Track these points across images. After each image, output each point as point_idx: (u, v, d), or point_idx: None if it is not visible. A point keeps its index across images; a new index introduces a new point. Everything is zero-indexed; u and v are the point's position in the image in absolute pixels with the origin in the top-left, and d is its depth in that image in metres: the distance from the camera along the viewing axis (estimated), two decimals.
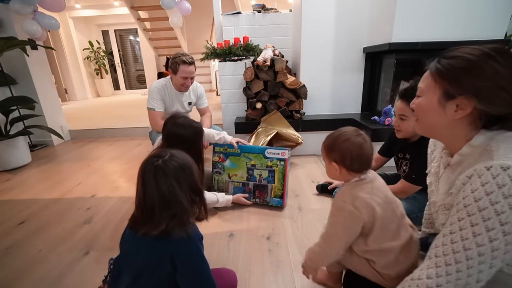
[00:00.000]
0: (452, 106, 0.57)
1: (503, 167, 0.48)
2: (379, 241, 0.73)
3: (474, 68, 0.53)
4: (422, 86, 0.63)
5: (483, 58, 0.53)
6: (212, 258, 1.14)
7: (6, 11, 2.58)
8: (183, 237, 0.67)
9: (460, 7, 1.85)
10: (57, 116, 3.18)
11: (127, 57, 7.76)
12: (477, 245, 0.48)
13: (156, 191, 0.67)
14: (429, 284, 0.53)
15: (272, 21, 2.86)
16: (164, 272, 0.69)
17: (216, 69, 6.00)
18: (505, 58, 0.52)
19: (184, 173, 0.70)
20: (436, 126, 0.62)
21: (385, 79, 2.28)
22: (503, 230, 0.47)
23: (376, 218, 0.71)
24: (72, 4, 5.98)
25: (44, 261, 1.19)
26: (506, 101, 0.52)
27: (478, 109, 0.54)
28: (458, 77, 0.55)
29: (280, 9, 2.99)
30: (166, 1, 3.40)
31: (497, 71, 0.51)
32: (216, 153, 1.65)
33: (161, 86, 1.90)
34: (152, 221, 0.67)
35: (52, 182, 2.07)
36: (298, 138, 2.08)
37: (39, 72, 2.91)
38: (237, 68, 2.41)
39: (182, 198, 0.68)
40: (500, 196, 0.47)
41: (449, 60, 0.57)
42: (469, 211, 0.50)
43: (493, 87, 0.52)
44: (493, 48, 0.53)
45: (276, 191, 1.51)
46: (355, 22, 2.26)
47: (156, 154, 0.72)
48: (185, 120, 1.25)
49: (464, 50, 0.56)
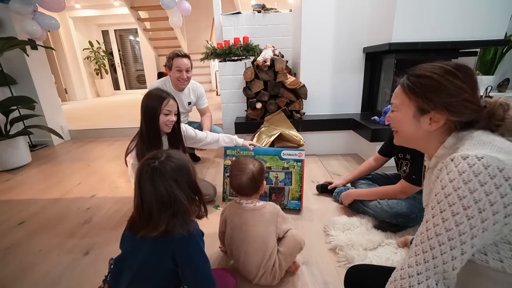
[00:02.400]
0: (426, 120, 0.64)
1: (463, 157, 0.52)
2: None
3: (441, 85, 0.60)
4: (396, 102, 0.70)
5: (446, 77, 0.60)
6: (213, 258, 1.14)
7: (6, 11, 2.58)
8: (184, 235, 0.67)
9: (460, 7, 1.85)
10: (57, 116, 3.18)
11: (127, 57, 7.76)
12: (446, 230, 0.51)
13: (153, 193, 0.67)
14: (410, 273, 0.55)
15: (272, 21, 2.86)
16: (164, 272, 0.70)
17: (216, 69, 6.00)
18: (464, 74, 0.59)
19: (181, 172, 0.70)
20: (413, 137, 0.69)
21: (385, 79, 2.28)
22: (466, 214, 0.49)
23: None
24: (72, 4, 5.98)
25: (44, 261, 1.19)
26: (473, 110, 0.60)
27: (450, 119, 0.61)
28: (428, 95, 0.62)
29: (280, 9, 2.99)
30: (166, 1, 3.40)
31: (461, 87, 0.59)
32: (228, 156, 1.57)
33: (160, 85, 1.91)
34: (150, 224, 0.67)
35: (52, 182, 2.07)
36: (300, 140, 2.08)
37: (39, 72, 2.91)
38: (237, 68, 2.41)
39: (182, 197, 0.68)
40: (461, 182, 0.50)
41: (418, 79, 0.64)
42: (438, 198, 0.53)
43: (460, 101, 0.59)
44: (453, 66, 0.61)
45: (294, 193, 1.47)
46: (355, 22, 2.26)
47: (152, 155, 0.72)
48: (155, 90, 1.30)
49: (429, 69, 0.63)
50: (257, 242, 0.92)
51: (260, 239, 0.92)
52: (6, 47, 2.33)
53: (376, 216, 1.30)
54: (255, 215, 0.95)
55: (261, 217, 0.95)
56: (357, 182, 1.56)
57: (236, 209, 0.99)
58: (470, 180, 0.49)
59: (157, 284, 0.72)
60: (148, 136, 1.26)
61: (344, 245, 1.14)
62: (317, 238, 1.26)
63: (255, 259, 0.93)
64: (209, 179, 1.93)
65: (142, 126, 1.27)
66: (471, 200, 0.49)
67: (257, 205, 0.98)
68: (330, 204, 1.56)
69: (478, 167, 0.50)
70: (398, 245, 1.13)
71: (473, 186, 0.49)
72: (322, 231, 1.31)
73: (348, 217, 1.36)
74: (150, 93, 1.28)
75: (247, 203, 0.98)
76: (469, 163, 0.51)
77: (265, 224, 0.95)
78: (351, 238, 1.17)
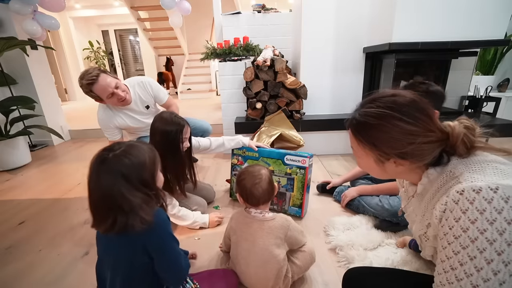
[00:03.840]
0: (391, 164, 0.59)
1: (474, 189, 0.47)
2: None
3: (387, 135, 0.55)
4: (353, 146, 0.65)
5: (392, 123, 0.54)
6: (214, 259, 1.14)
7: (6, 11, 2.58)
8: (146, 229, 0.64)
9: (460, 7, 1.85)
10: (57, 116, 3.18)
11: (127, 57, 7.77)
12: (483, 280, 0.46)
13: (97, 186, 0.64)
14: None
15: (272, 21, 2.86)
16: (142, 267, 0.68)
17: (216, 69, 6.00)
18: (410, 114, 0.53)
19: (134, 169, 0.66)
20: (389, 175, 0.64)
21: (385, 79, 2.27)
22: (502, 260, 0.45)
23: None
24: (72, 4, 5.99)
25: (44, 261, 1.19)
26: (435, 147, 0.54)
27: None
28: (378, 146, 0.57)
29: (280, 9, 2.99)
30: (166, 1, 3.40)
31: (410, 132, 0.53)
32: (235, 155, 1.59)
33: (104, 115, 1.65)
34: (97, 218, 0.65)
35: (52, 182, 2.07)
36: (300, 141, 2.08)
37: (39, 72, 2.91)
38: (237, 68, 2.41)
39: (129, 195, 0.63)
40: (485, 223, 0.45)
41: (363, 127, 0.58)
42: (462, 242, 0.48)
43: (414, 147, 0.53)
44: (400, 104, 0.54)
45: (295, 200, 1.43)
46: (355, 22, 2.26)
47: (109, 146, 0.68)
48: (168, 115, 1.26)
49: (372, 113, 0.56)
50: (266, 254, 0.88)
51: (269, 252, 0.88)
52: (6, 47, 2.33)
53: (377, 215, 1.30)
54: (263, 227, 0.91)
55: (269, 229, 0.90)
56: (356, 181, 1.56)
57: (244, 217, 0.95)
58: (495, 220, 0.45)
59: (141, 281, 0.70)
60: (165, 162, 1.23)
61: (344, 245, 1.14)
62: (317, 238, 1.26)
63: (264, 271, 0.89)
64: (209, 179, 1.93)
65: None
66: (503, 243, 0.45)
67: (266, 216, 0.93)
68: (330, 204, 1.56)
69: (498, 202, 0.45)
70: (397, 245, 1.13)
71: (500, 226, 0.45)
72: (322, 231, 1.31)
73: (348, 217, 1.36)
74: (165, 119, 1.22)
75: (256, 212, 0.94)
76: (486, 198, 0.46)
77: (274, 236, 0.89)
78: (351, 238, 1.17)
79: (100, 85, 1.44)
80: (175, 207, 1.29)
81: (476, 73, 3.10)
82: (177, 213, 1.28)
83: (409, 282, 0.72)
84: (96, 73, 1.44)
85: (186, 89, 6.24)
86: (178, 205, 1.32)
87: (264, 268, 0.88)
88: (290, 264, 0.94)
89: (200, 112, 4.21)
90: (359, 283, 0.78)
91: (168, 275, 0.72)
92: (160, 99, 1.82)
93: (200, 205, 1.45)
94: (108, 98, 1.51)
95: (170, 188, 1.28)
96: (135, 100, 1.68)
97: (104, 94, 1.48)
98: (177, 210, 1.29)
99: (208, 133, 2.08)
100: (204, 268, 1.07)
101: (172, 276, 0.73)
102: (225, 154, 2.45)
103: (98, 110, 1.66)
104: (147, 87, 1.73)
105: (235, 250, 0.96)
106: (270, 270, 0.88)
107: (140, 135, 1.84)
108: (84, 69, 1.50)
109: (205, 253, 1.16)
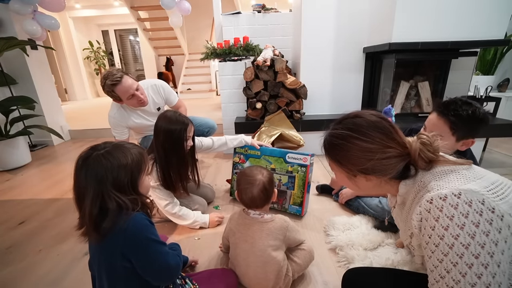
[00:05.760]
0: (361, 179, 0.62)
1: (440, 197, 0.50)
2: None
3: (348, 154, 0.60)
4: (329, 165, 0.69)
5: (351, 142, 0.58)
6: (214, 259, 1.14)
7: (6, 11, 2.58)
8: (120, 234, 0.63)
9: (460, 7, 1.85)
10: (57, 116, 3.18)
11: (127, 57, 7.77)
12: (470, 284, 0.47)
13: (76, 183, 0.63)
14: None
15: (272, 21, 2.86)
16: (123, 271, 0.67)
17: (216, 69, 6.00)
18: (366, 133, 0.58)
19: (110, 172, 0.64)
20: (365, 190, 0.67)
21: (385, 79, 2.28)
22: (481, 263, 0.46)
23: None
24: (72, 4, 5.99)
25: (44, 261, 1.19)
26: (397, 162, 0.57)
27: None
28: (343, 163, 0.62)
29: (280, 9, 2.99)
30: (166, 1, 3.40)
31: (368, 149, 0.57)
32: (237, 154, 1.62)
33: (117, 114, 1.66)
34: (79, 213, 0.65)
35: (52, 182, 2.07)
36: (300, 140, 2.08)
37: (39, 72, 2.91)
38: (237, 68, 2.41)
39: (98, 198, 0.62)
40: (456, 228, 0.48)
41: (330, 146, 0.64)
42: (443, 250, 0.50)
43: (374, 163, 0.57)
44: (351, 126, 0.60)
45: (295, 199, 1.42)
46: (355, 22, 2.26)
47: (97, 145, 0.67)
48: (172, 113, 1.26)
49: (337, 134, 0.62)
50: (265, 256, 0.88)
51: (268, 253, 0.88)
52: (6, 47, 2.33)
53: (377, 216, 1.30)
54: (263, 228, 0.91)
55: (268, 230, 0.90)
56: None
57: (243, 219, 0.95)
58: (464, 224, 0.47)
59: (128, 281, 0.68)
60: (169, 161, 1.22)
61: (344, 245, 1.14)
62: (317, 238, 1.26)
63: (264, 272, 0.89)
64: (209, 179, 1.93)
65: (160, 152, 1.22)
66: (477, 246, 0.46)
67: (265, 217, 0.92)
68: (330, 204, 1.56)
69: (463, 206, 0.48)
70: (397, 245, 1.13)
71: (470, 229, 0.47)
72: (322, 231, 1.31)
73: (348, 217, 1.36)
74: (169, 118, 1.22)
75: (255, 214, 0.94)
76: (452, 204, 0.49)
77: (273, 237, 0.89)
78: (351, 238, 1.17)
79: (123, 86, 1.49)
80: (176, 206, 1.30)
81: (476, 73, 3.10)
82: (177, 212, 1.29)
83: (409, 282, 0.72)
84: (120, 75, 1.49)
85: (186, 89, 6.24)
86: (179, 204, 1.33)
87: (264, 269, 0.88)
88: (290, 263, 0.94)
89: (200, 112, 4.21)
90: (359, 283, 0.78)
91: (152, 277, 0.69)
92: (170, 101, 1.87)
93: (200, 205, 1.46)
94: (128, 99, 1.55)
95: (173, 186, 1.29)
96: (149, 99, 1.73)
97: (125, 95, 1.53)
98: (178, 209, 1.30)
99: (213, 130, 2.13)
100: (204, 268, 1.07)
101: (157, 277, 0.70)
102: (225, 154, 2.45)
103: (111, 109, 1.68)
104: (159, 90, 1.79)
105: (235, 251, 0.95)
106: (270, 271, 0.88)
107: (146, 134, 1.88)
108: (107, 70, 1.55)
109: (205, 253, 1.16)
